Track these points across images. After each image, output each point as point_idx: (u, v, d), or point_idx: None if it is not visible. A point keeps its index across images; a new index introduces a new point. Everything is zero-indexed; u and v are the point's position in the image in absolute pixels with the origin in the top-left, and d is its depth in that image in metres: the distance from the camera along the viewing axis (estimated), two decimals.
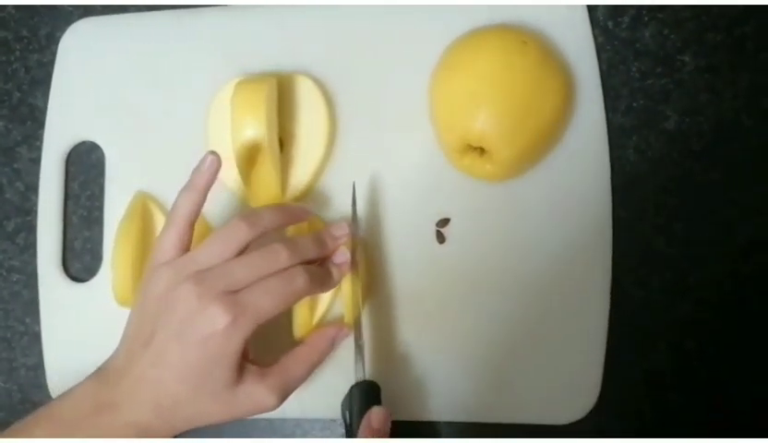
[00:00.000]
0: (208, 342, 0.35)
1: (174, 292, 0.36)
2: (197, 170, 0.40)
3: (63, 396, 0.38)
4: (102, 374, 0.38)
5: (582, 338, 0.43)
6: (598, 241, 0.44)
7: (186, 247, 0.39)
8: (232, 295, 0.36)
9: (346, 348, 0.44)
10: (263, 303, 0.36)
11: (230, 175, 0.45)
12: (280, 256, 0.38)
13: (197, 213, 0.39)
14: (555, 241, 0.44)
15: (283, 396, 0.38)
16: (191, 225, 0.39)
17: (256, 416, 0.45)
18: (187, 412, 0.37)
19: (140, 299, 0.38)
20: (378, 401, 0.41)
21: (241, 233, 0.38)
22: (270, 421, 0.47)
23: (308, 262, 0.40)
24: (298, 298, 0.38)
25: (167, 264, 0.38)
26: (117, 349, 0.39)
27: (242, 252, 0.38)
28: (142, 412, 0.36)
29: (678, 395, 0.43)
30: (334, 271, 0.41)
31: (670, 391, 0.43)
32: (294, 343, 0.42)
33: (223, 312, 0.35)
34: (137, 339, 0.37)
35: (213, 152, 0.40)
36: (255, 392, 0.37)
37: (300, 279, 0.37)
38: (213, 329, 0.35)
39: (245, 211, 0.39)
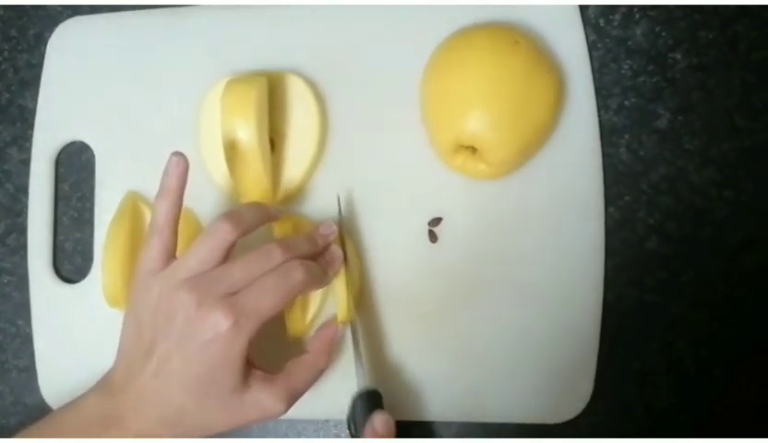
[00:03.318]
0: (210, 348, 0.35)
1: (170, 300, 0.36)
2: (165, 174, 0.39)
3: (67, 408, 0.38)
4: (104, 386, 0.38)
5: (575, 337, 0.43)
6: (591, 240, 0.44)
7: (172, 254, 0.38)
8: (230, 298, 0.35)
9: (340, 349, 0.44)
10: (263, 301, 0.36)
11: (220, 174, 0.45)
12: (273, 254, 0.38)
13: (176, 217, 0.39)
14: (547, 240, 0.44)
15: (290, 402, 0.38)
16: (174, 230, 0.39)
17: None
18: (194, 421, 0.36)
19: (133, 310, 0.38)
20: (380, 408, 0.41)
21: (226, 234, 0.37)
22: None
23: None
24: (297, 293, 0.38)
25: (158, 273, 0.37)
26: (116, 361, 0.38)
27: (230, 252, 0.38)
28: (148, 424, 0.36)
29: (670, 395, 0.43)
30: (327, 268, 0.41)
31: (662, 391, 0.43)
32: (289, 345, 0.42)
33: (224, 316, 0.35)
34: (136, 350, 0.37)
35: (177, 153, 0.39)
36: (262, 399, 0.37)
37: (297, 272, 0.37)
38: (215, 333, 0.35)
39: (225, 211, 0.39)
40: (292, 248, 0.39)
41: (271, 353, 0.40)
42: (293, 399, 0.38)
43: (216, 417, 0.37)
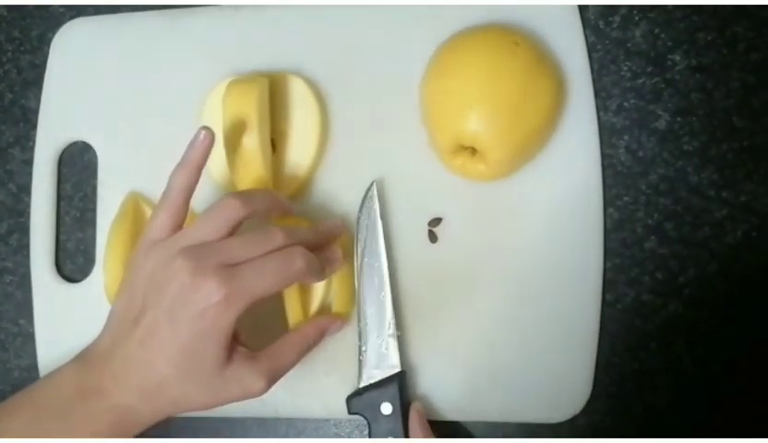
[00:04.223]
0: (200, 318, 0.34)
1: (166, 268, 0.35)
2: (190, 146, 0.39)
3: (44, 381, 0.38)
4: (85, 358, 0.37)
5: (574, 337, 0.43)
6: (589, 240, 0.44)
7: (179, 226, 0.38)
8: (227, 270, 0.35)
9: (341, 349, 0.44)
10: (259, 281, 0.35)
11: (222, 174, 0.46)
12: (275, 237, 0.37)
13: (191, 190, 0.38)
14: (546, 240, 0.44)
15: (272, 381, 0.37)
16: (185, 203, 0.38)
17: (247, 415, 0.46)
18: (174, 394, 0.36)
19: (129, 279, 0.37)
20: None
21: (233, 211, 0.37)
22: (263, 421, 0.47)
23: None
24: (294, 280, 0.38)
25: (159, 242, 0.37)
26: (101, 334, 0.38)
27: (234, 230, 0.37)
28: (127, 394, 0.36)
29: (668, 394, 0.44)
30: (326, 265, 0.41)
31: (661, 390, 0.44)
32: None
33: (218, 286, 0.34)
34: (124, 320, 0.37)
35: (206, 127, 0.39)
36: (244, 375, 0.36)
37: (299, 260, 0.37)
38: (207, 303, 0.34)
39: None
40: (293, 235, 0.38)
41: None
42: (274, 377, 0.37)
43: (196, 392, 0.36)
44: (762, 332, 0.43)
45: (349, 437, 0.46)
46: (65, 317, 0.48)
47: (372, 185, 0.44)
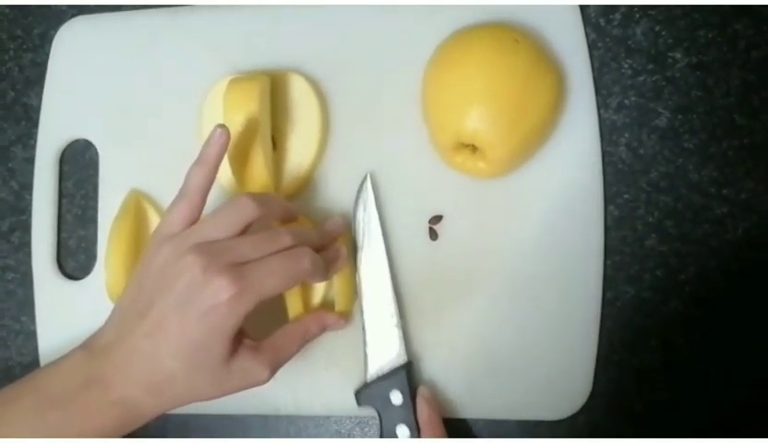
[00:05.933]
0: (209, 315, 0.35)
1: (177, 262, 0.36)
2: (206, 144, 0.39)
3: (49, 368, 0.37)
4: (90, 347, 0.37)
5: (574, 334, 0.43)
6: (590, 238, 0.44)
7: (194, 222, 0.38)
8: (238, 268, 0.35)
9: (341, 346, 0.44)
10: (268, 279, 0.36)
11: (223, 173, 0.46)
12: (283, 237, 0.38)
13: (208, 187, 0.39)
14: (547, 238, 0.44)
15: (275, 370, 0.38)
16: (202, 200, 0.39)
17: (248, 412, 0.46)
18: (180, 389, 0.36)
19: (140, 271, 0.38)
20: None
21: (248, 210, 0.37)
22: (264, 418, 0.47)
23: None
24: (301, 279, 0.38)
25: (173, 236, 0.37)
26: (107, 323, 0.38)
27: (245, 230, 0.38)
28: (133, 387, 0.36)
29: (668, 392, 0.44)
30: (330, 265, 0.41)
31: (661, 389, 0.44)
32: None
33: (228, 284, 0.34)
34: (131, 311, 0.37)
35: (222, 125, 0.39)
36: (249, 367, 0.37)
37: (306, 260, 0.37)
38: (217, 300, 0.34)
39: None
40: (299, 236, 0.39)
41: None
42: (277, 367, 0.38)
43: (202, 385, 0.36)
44: (762, 330, 0.43)
45: (350, 435, 0.46)
46: (66, 315, 0.48)
47: (366, 176, 0.45)
